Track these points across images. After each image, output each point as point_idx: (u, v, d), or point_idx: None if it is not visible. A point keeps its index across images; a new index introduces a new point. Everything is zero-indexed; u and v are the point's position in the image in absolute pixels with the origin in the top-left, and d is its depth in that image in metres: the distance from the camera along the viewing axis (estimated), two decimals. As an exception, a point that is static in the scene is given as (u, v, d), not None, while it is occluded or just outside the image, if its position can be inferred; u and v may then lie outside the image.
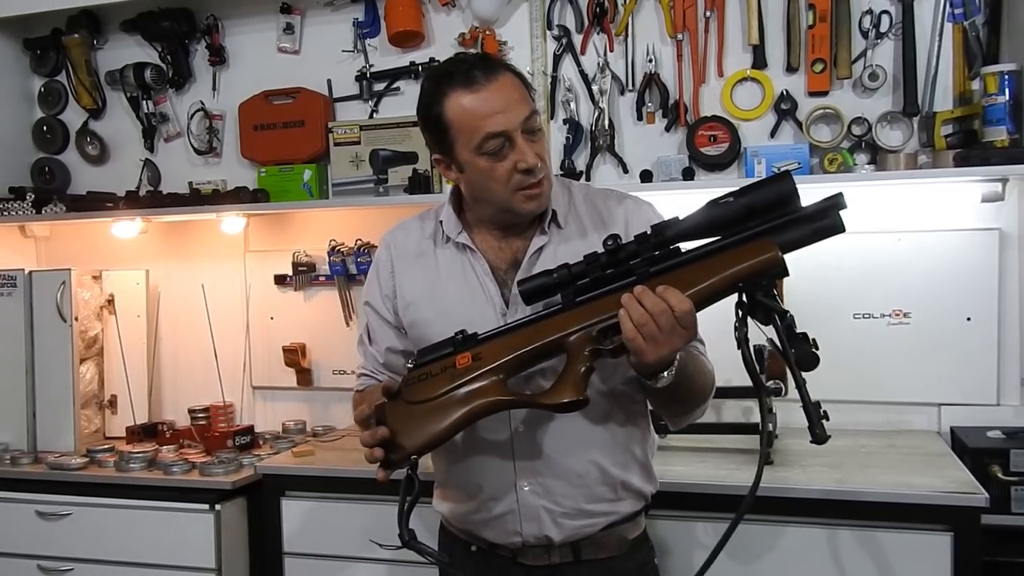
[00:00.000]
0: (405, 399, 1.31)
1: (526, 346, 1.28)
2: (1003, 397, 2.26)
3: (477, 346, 1.30)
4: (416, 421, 1.29)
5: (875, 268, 2.32)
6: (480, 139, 1.35)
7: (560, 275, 1.27)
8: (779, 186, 1.20)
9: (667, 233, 1.24)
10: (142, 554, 2.33)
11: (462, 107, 1.36)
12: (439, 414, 1.29)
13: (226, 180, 2.83)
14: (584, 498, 1.43)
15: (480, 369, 1.28)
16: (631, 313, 1.19)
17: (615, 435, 1.45)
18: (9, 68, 2.99)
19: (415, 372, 1.32)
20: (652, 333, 1.19)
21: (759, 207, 1.20)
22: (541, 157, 1.38)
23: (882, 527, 1.83)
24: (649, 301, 1.19)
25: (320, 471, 2.24)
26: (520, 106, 1.36)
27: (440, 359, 1.31)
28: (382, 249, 1.58)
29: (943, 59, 2.25)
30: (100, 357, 2.82)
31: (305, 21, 2.76)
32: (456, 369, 1.29)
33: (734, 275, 1.19)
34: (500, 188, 1.38)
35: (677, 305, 1.18)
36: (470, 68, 1.37)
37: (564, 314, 1.27)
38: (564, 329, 1.26)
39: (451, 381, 1.29)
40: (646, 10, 2.46)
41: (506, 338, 1.29)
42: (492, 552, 1.48)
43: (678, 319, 1.18)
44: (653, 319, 1.18)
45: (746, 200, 1.20)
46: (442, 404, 1.29)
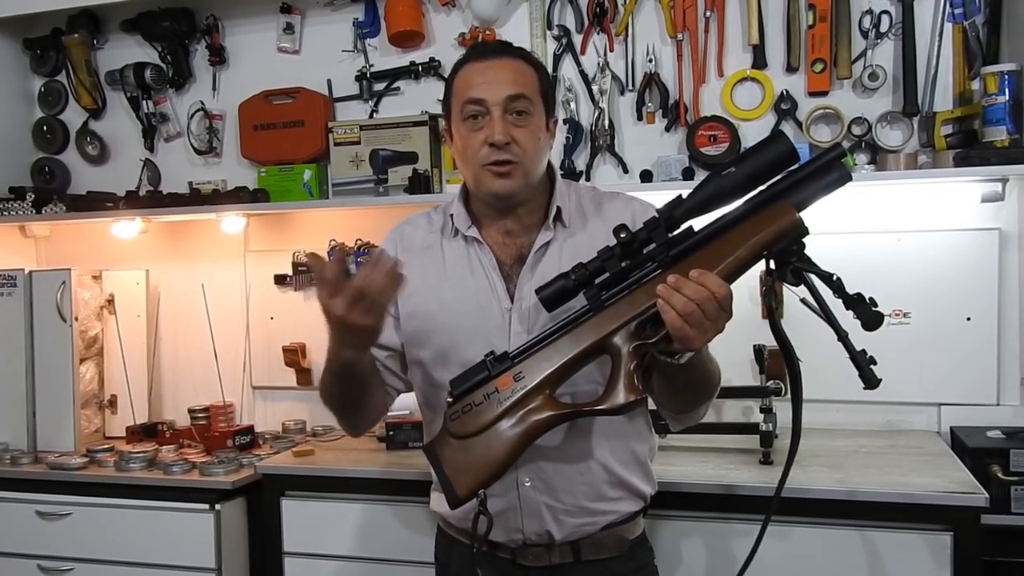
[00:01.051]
0: (454, 435, 1.26)
1: (567, 356, 1.25)
2: (1003, 397, 2.26)
3: (514, 365, 1.26)
4: (474, 455, 1.26)
5: (875, 268, 2.32)
6: (462, 102, 1.41)
7: (578, 275, 1.25)
8: (777, 148, 1.21)
9: (676, 213, 1.23)
10: (142, 554, 2.33)
11: (462, 76, 1.44)
12: (496, 443, 1.25)
13: (226, 180, 2.83)
14: (585, 496, 1.44)
15: (525, 388, 1.25)
16: (674, 304, 1.18)
17: (618, 433, 1.46)
18: (9, 68, 2.99)
19: (457, 405, 1.27)
20: (699, 320, 1.18)
21: (761, 171, 1.21)
22: (517, 140, 1.39)
23: (882, 527, 1.83)
24: (690, 289, 1.17)
25: (320, 471, 2.24)
26: (508, 85, 1.40)
27: (479, 386, 1.27)
28: (388, 243, 1.58)
29: (943, 59, 2.25)
30: (100, 357, 2.82)
31: (305, 21, 2.76)
32: (500, 393, 1.25)
33: (759, 243, 1.19)
34: (471, 158, 1.41)
35: (718, 289, 1.17)
36: (487, 47, 1.46)
37: (597, 316, 1.25)
38: (602, 331, 1.24)
39: (499, 406, 1.25)
40: (646, 10, 2.46)
41: (544, 352, 1.26)
42: (492, 553, 1.48)
43: (720, 303, 1.18)
44: (699, 306, 1.17)
45: (748, 167, 1.21)
46: (496, 432, 1.25)
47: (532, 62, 1.46)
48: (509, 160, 1.39)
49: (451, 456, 1.27)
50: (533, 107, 1.42)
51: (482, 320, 1.43)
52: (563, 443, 1.42)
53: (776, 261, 1.20)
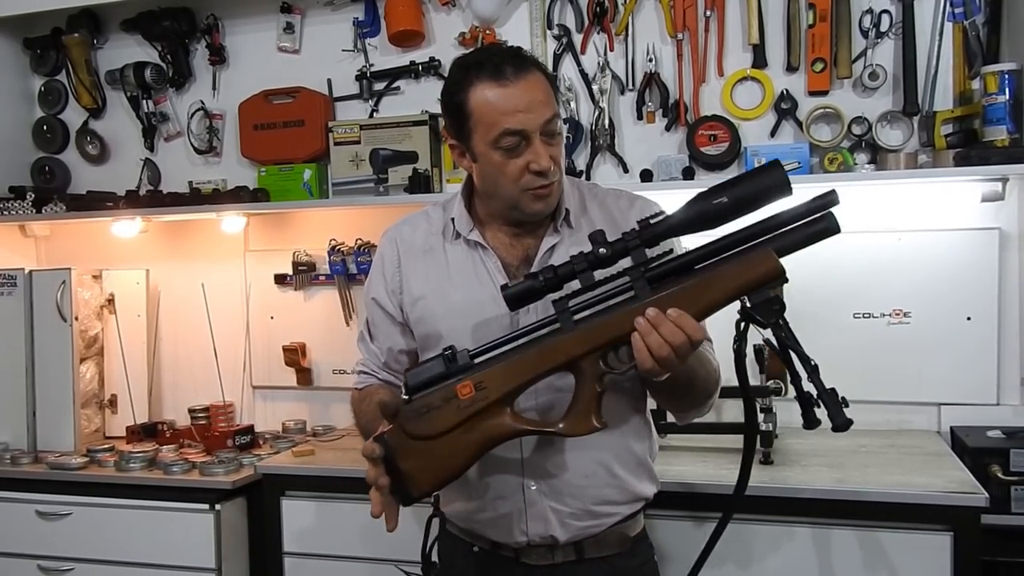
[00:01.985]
0: (411, 434, 1.26)
1: (532, 373, 1.25)
2: (1003, 397, 2.26)
3: (476, 371, 1.26)
4: (427, 457, 1.26)
5: (875, 268, 2.32)
6: (498, 134, 1.34)
7: (547, 278, 1.25)
8: (770, 178, 1.20)
9: (657, 230, 1.23)
10: (142, 554, 2.34)
11: (486, 99, 1.34)
12: (452, 450, 1.26)
13: (226, 180, 2.83)
14: (591, 499, 1.44)
15: (487, 400, 1.25)
16: (649, 343, 1.18)
17: (622, 436, 1.46)
18: (9, 68, 2.99)
19: (415, 405, 1.26)
20: (671, 361, 1.18)
21: (751, 200, 1.20)
22: (556, 160, 1.37)
23: (882, 527, 1.83)
24: (666, 329, 1.18)
25: (320, 471, 2.24)
26: (543, 108, 1.35)
27: (439, 389, 1.26)
28: (387, 244, 1.56)
29: (943, 59, 2.25)
30: (100, 357, 2.82)
31: (305, 21, 2.76)
32: (460, 400, 1.24)
33: (737, 289, 1.19)
34: (510, 185, 1.37)
35: (694, 334, 1.18)
36: (501, 62, 1.35)
37: (567, 336, 1.24)
38: (571, 354, 1.24)
39: (458, 415, 1.25)
40: (646, 10, 2.46)
41: (509, 364, 1.25)
42: (494, 552, 1.48)
43: (693, 345, 1.19)
44: (671, 347, 1.17)
45: (738, 195, 1.19)
46: (453, 439, 1.25)
47: (544, 70, 1.41)
48: (552, 182, 1.38)
49: (406, 454, 1.27)
50: (559, 121, 1.40)
51: (488, 325, 1.42)
52: (568, 448, 1.41)
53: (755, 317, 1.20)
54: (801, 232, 1.20)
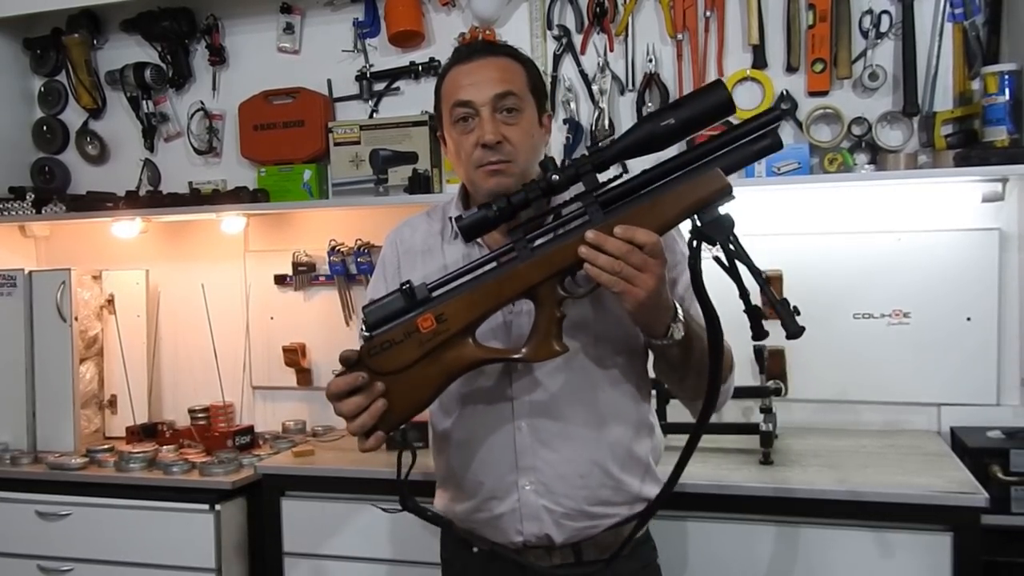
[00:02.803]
0: (374, 369, 1.27)
1: (491, 303, 1.27)
2: (1003, 397, 2.26)
3: (436, 303, 1.27)
4: (392, 392, 1.27)
5: (875, 268, 2.32)
6: (450, 107, 1.40)
7: (500, 207, 1.26)
8: (713, 96, 1.20)
9: (606, 154, 1.24)
10: (142, 554, 2.33)
11: (449, 78, 1.43)
12: (416, 383, 1.27)
13: (226, 180, 2.83)
14: (586, 500, 1.43)
15: (448, 332, 1.26)
16: (600, 264, 1.19)
17: (619, 437, 1.45)
18: (9, 68, 2.99)
19: (376, 341, 1.27)
20: (628, 274, 1.19)
21: (696, 120, 1.21)
22: (509, 139, 1.38)
23: (882, 527, 1.84)
24: (612, 245, 1.19)
25: (320, 471, 2.25)
26: (494, 83, 1.38)
27: (400, 324, 1.27)
28: (388, 246, 1.58)
29: (943, 59, 2.25)
30: (100, 357, 2.82)
31: (305, 21, 2.76)
32: (422, 333, 1.26)
33: (687, 207, 1.21)
34: (465, 161, 1.41)
35: (645, 239, 1.19)
36: (471, 48, 1.44)
37: (524, 264, 1.25)
38: (528, 281, 1.25)
39: (420, 347, 1.26)
40: (646, 10, 2.46)
41: (468, 295, 1.26)
42: (493, 554, 1.48)
43: (649, 251, 1.19)
44: (624, 259, 1.19)
45: (684, 115, 1.21)
46: (417, 372, 1.27)
47: (519, 58, 1.45)
48: (502, 159, 1.38)
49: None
50: (523, 103, 1.41)
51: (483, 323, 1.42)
52: (563, 447, 1.42)
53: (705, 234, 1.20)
54: (746, 149, 1.22)
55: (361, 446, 1.28)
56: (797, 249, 2.35)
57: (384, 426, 1.28)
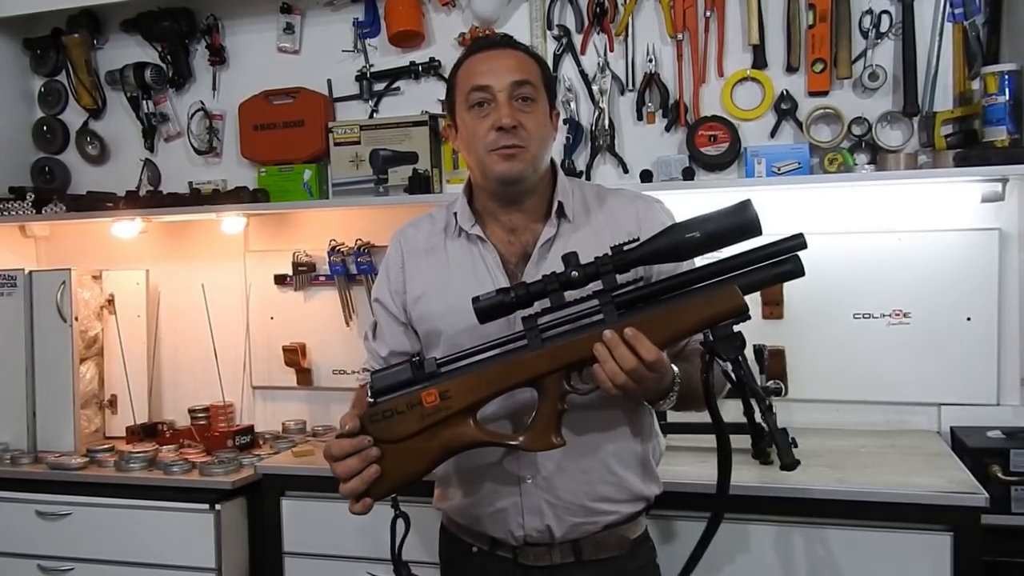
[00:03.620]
0: (373, 436, 1.30)
1: (496, 387, 1.29)
2: (1003, 397, 2.26)
3: (442, 379, 1.29)
4: (391, 461, 1.29)
5: (875, 268, 2.32)
6: (467, 91, 1.43)
7: (518, 294, 1.28)
8: (741, 217, 1.23)
9: (628, 257, 1.26)
10: (142, 554, 2.34)
11: (465, 67, 1.46)
12: (414, 454, 1.30)
13: (226, 180, 2.83)
14: (586, 495, 1.44)
15: (450, 410, 1.29)
16: (605, 368, 1.23)
17: (621, 434, 1.46)
18: (9, 68, 2.99)
19: (379, 408, 1.30)
20: (626, 386, 1.23)
21: (721, 238, 1.24)
22: (524, 125, 1.40)
23: (882, 527, 1.84)
24: (619, 352, 1.22)
25: (320, 471, 2.24)
26: (512, 71, 1.42)
27: (405, 394, 1.30)
28: (392, 246, 1.59)
29: (943, 59, 2.25)
30: (100, 357, 2.82)
31: (305, 21, 2.76)
32: (424, 408, 1.28)
33: (701, 321, 1.23)
34: (479, 145, 1.42)
35: (646, 356, 1.22)
36: (489, 40, 1.52)
37: (533, 353, 1.28)
38: (535, 372, 1.28)
39: (421, 421, 1.29)
40: (646, 10, 2.46)
41: (474, 376, 1.29)
42: (492, 553, 1.48)
43: (648, 368, 1.22)
44: (624, 372, 1.22)
45: (711, 229, 1.23)
46: (415, 445, 1.29)
47: (533, 55, 1.49)
48: (517, 144, 1.40)
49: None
50: (538, 94, 1.44)
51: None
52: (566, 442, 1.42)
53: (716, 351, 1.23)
54: (767, 272, 1.25)
55: (350, 509, 1.31)
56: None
57: (375, 493, 1.30)
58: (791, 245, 1.23)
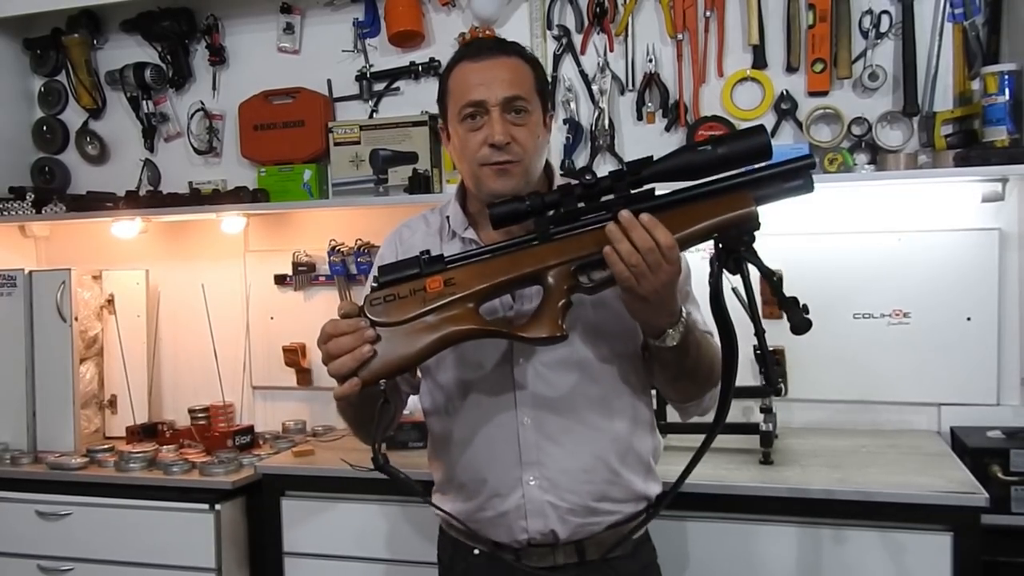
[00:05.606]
0: (372, 319, 1.26)
1: (501, 276, 1.26)
2: (1003, 397, 2.26)
3: (448, 270, 1.27)
4: (384, 344, 1.25)
5: (875, 268, 2.32)
6: (461, 105, 1.40)
7: (533, 202, 1.26)
8: (754, 139, 1.23)
9: (643, 172, 1.26)
10: (142, 554, 2.33)
11: (458, 76, 1.42)
12: (411, 338, 1.25)
13: (226, 180, 2.83)
14: (590, 495, 1.43)
15: (453, 295, 1.25)
16: (619, 248, 1.20)
17: (622, 433, 1.46)
18: (9, 68, 2.99)
19: (381, 292, 1.27)
20: (641, 270, 1.20)
21: (734, 157, 1.23)
22: (517, 139, 1.38)
23: (882, 527, 1.84)
24: (637, 234, 1.20)
25: (320, 471, 2.24)
26: (506, 84, 1.39)
27: (408, 279, 1.27)
28: (386, 247, 1.58)
29: (943, 59, 2.25)
30: (100, 357, 2.82)
31: (305, 21, 2.76)
32: (427, 293, 1.25)
33: (713, 225, 1.22)
34: (470, 158, 1.40)
35: (664, 241, 1.20)
36: (482, 45, 1.45)
37: (541, 247, 1.26)
38: (542, 263, 1.25)
39: (422, 305, 1.25)
40: (646, 10, 2.46)
41: (480, 266, 1.27)
42: (494, 555, 1.48)
43: (664, 255, 1.20)
44: (641, 255, 1.19)
45: (723, 150, 1.23)
46: (414, 328, 1.25)
47: (527, 58, 1.45)
48: (509, 160, 1.38)
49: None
50: (531, 106, 1.41)
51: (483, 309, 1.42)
52: (567, 441, 1.41)
53: (725, 246, 1.22)
54: (778, 184, 1.24)
55: (336, 391, 1.27)
56: (797, 249, 2.35)
57: (365, 374, 1.24)
58: (802, 164, 1.24)
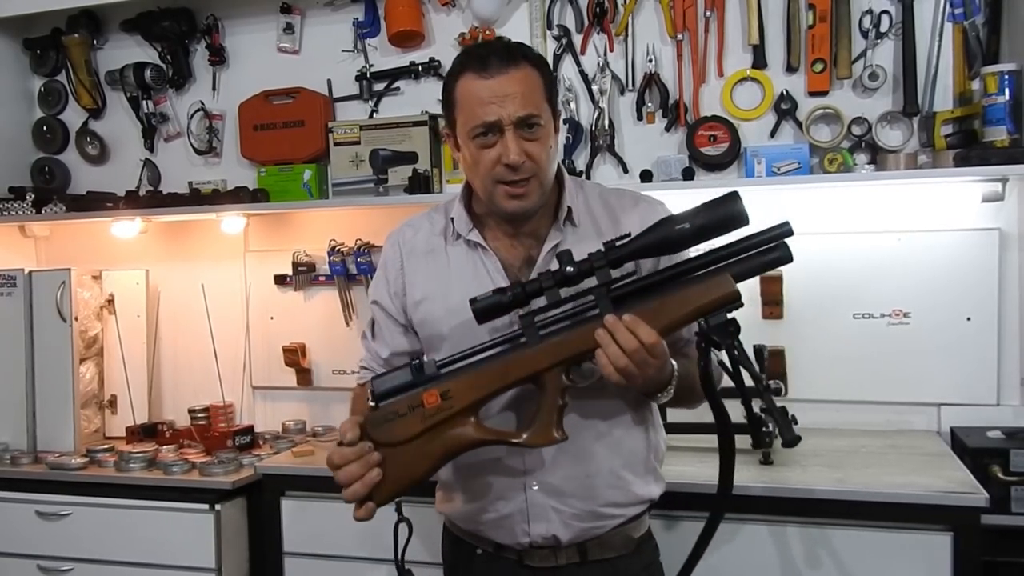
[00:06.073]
0: (375, 440, 1.29)
1: (497, 385, 1.29)
2: (1003, 397, 2.26)
3: (442, 381, 1.29)
4: (394, 464, 1.29)
5: (875, 268, 2.32)
6: (473, 124, 1.37)
7: (515, 294, 1.28)
8: (730, 208, 1.25)
9: (621, 252, 1.27)
10: (142, 554, 2.33)
11: (467, 90, 1.38)
12: (416, 455, 1.29)
13: (226, 180, 2.83)
14: (594, 500, 1.44)
15: (452, 409, 1.28)
16: (608, 352, 1.23)
17: (625, 438, 1.46)
18: (9, 68, 2.99)
19: (380, 412, 1.30)
20: (629, 371, 1.23)
21: (710, 229, 1.25)
22: (532, 156, 1.36)
23: (882, 527, 1.84)
24: (621, 336, 1.23)
25: (320, 471, 2.23)
26: (520, 101, 1.35)
27: (406, 397, 1.29)
28: (389, 247, 1.56)
29: (943, 59, 2.25)
30: (100, 357, 2.82)
31: (305, 21, 2.76)
32: (426, 409, 1.28)
33: (696, 310, 1.25)
34: (483, 176, 1.39)
35: (647, 340, 1.22)
36: (489, 54, 1.38)
37: (532, 349, 1.28)
38: (535, 367, 1.28)
39: (423, 422, 1.28)
40: (646, 10, 2.46)
41: (474, 375, 1.29)
42: (497, 555, 1.48)
43: (649, 351, 1.23)
44: (627, 356, 1.22)
45: (700, 222, 1.25)
46: (417, 447, 1.29)
47: (534, 62, 1.41)
48: (525, 178, 1.37)
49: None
50: (543, 119, 1.38)
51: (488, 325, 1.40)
52: (571, 447, 1.41)
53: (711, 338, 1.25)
54: (756, 260, 1.27)
55: (354, 515, 1.30)
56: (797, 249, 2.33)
57: (378, 497, 1.29)
58: (779, 233, 1.26)
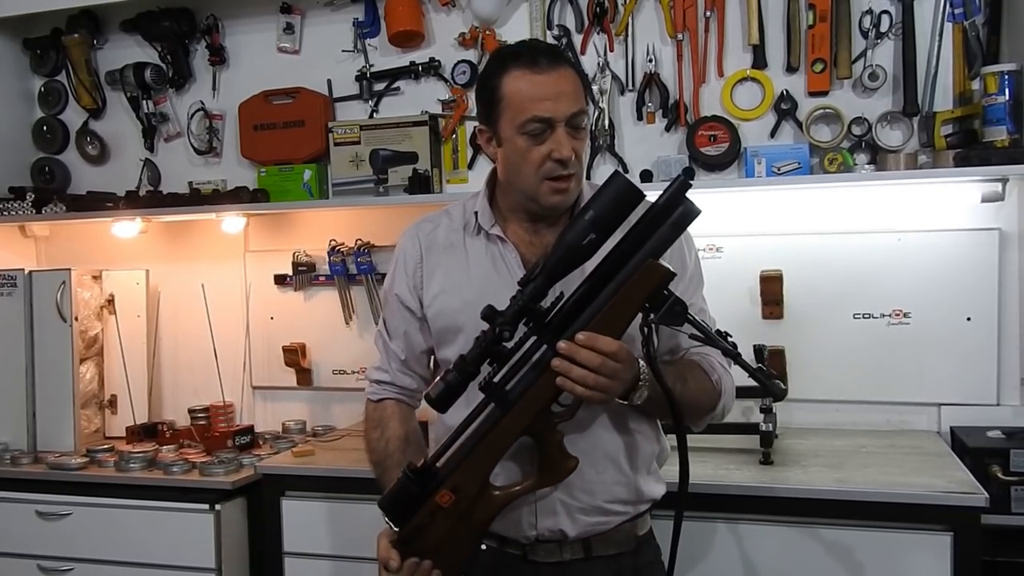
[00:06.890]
0: (417, 555, 1.33)
1: (494, 459, 1.33)
2: (1003, 397, 2.26)
3: (447, 479, 1.32)
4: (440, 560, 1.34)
5: (875, 268, 2.32)
6: (525, 119, 1.38)
7: (461, 372, 1.28)
8: (614, 187, 1.25)
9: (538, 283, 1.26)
10: (142, 554, 2.33)
11: (518, 85, 1.39)
12: (456, 544, 1.34)
13: (226, 180, 2.83)
14: (601, 495, 1.45)
15: (468, 497, 1.32)
16: (573, 378, 1.24)
17: (632, 436, 1.47)
18: (9, 68, 2.99)
19: (407, 531, 1.33)
20: (603, 384, 1.24)
21: (608, 217, 1.25)
22: (577, 154, 1.41)
23: (882, 527, 1.83)
24: (582, 356, 1.23)
25: (320, 471, 2.24)
26: (571, 100, 1.39)
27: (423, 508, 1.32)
28: (408, 240, 1.57)
29: (943, 59, 2.25)
30: (100, 357, 2.82)
31: (305, 21, 2.76)
32: (445, 508, 1.32)
33: (637, 305, 1.26)
34: (531, 172, 1.41)
35: (609, 348, 1.24)
36: (537, 53, 1.41)
37: (509, 416, 1.30)
38: (518, 430, 1.31)
39: (449, 519, 1.32)
40: (646, 10, 2.46)
41: (470, 461, 1.31)
42: (501, 550, 1.48)
43: (617, 359, 1.24)
44: (596, 373, 1.23)
45: (592, 215, 1.25)
46: (455, 537, 1.33)
47: (573, 65, 1.46)
48: (571, 173, 1.41)
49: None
50: (587, 119, 1.44)
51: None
52: (579, 441, 1.42)
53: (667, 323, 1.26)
54: (663, 231, 1.25)
55: None
56: (797, 249, 2.35)
57: None
58: (672, 191, 1.24)
